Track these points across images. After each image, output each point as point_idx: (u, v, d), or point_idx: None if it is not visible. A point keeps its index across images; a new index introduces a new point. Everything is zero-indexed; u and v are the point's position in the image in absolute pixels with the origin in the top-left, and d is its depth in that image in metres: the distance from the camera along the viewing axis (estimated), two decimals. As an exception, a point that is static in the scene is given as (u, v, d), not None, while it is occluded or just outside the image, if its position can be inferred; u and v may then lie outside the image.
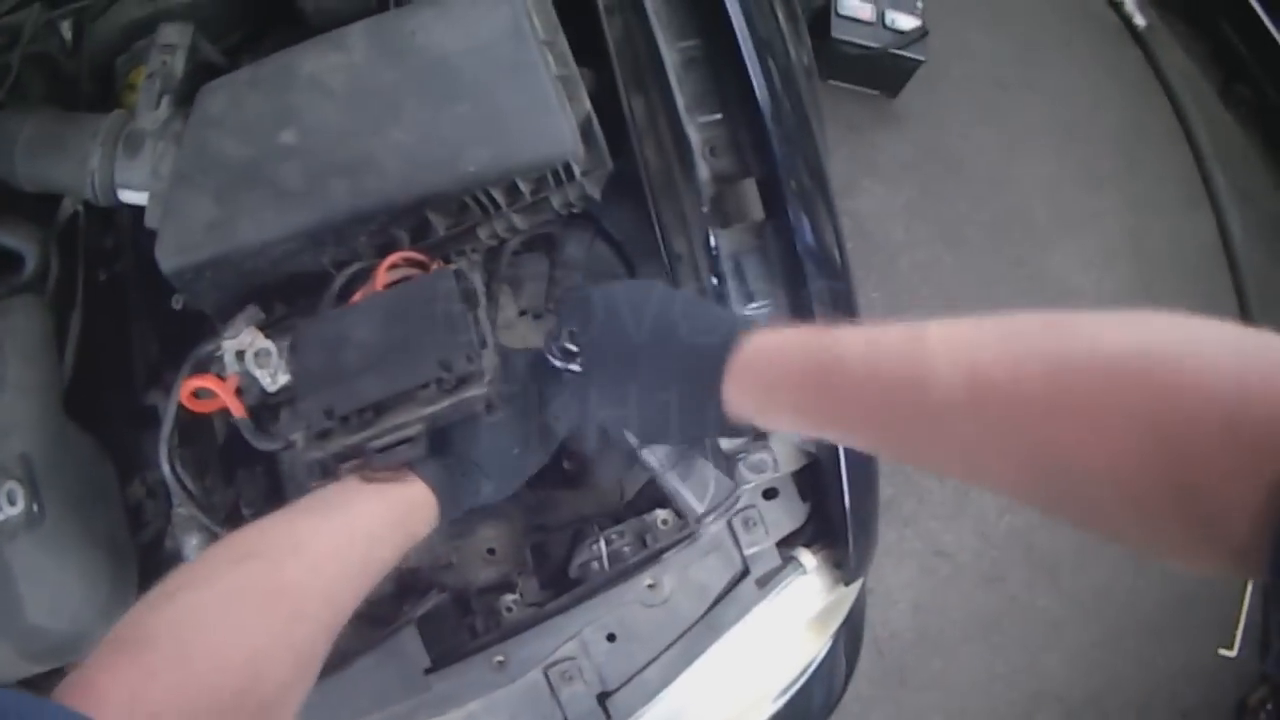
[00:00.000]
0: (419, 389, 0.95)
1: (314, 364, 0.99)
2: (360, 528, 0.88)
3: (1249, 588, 2.97)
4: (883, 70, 3.17)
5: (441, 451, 0.97)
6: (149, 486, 1.29)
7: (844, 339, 0.75)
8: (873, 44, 3.05)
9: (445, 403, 0.94)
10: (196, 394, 1.08)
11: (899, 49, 3.07)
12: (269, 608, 0.75)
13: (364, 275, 1.10)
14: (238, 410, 1.06)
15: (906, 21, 3.08)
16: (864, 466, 1.16)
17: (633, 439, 1.04)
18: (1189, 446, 0.52)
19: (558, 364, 0.95)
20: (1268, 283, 3.37)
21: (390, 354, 0.96)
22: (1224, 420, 0.51)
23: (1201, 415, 0.52)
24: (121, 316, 1.38)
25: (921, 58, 3.12)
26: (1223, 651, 2.95)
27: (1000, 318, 0.66)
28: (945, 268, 3.14)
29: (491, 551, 1.25)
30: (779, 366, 0.80)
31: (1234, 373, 0.52)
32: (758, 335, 0.82)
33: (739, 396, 0.82)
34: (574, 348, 0.93)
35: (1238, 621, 2.96)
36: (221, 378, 1.07)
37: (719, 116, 1.23)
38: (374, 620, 1.23)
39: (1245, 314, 3.30)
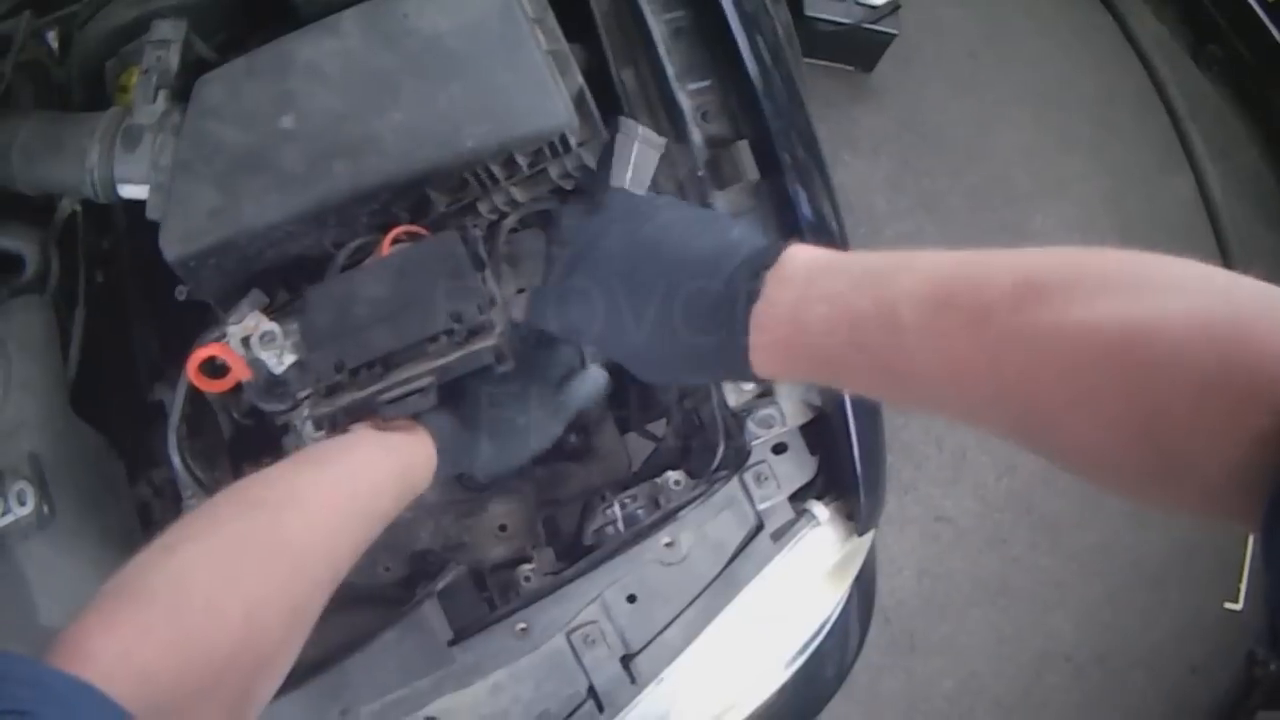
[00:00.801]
0: (429, 341, 0.96)
1: (323, 322, 0.99)
2: (361, 479, 0.88)
3: (1250, 540, 2.99)
4: (857, 46, 3.19)
5: (450, 408, 0.98)
6: (156, 486, 1.30)
7: (827, 336, 0.71)
8: (845, 20, 3.07)
9: (456, 354, 0.95)
10: (205, 368, 1.08)
11: (872, 24, 3.09)
12: (268, 561, 0.74)
13: (367, 249, 1.11)
14: (244, 373, 1.07)
15: (878, -5, 3.10)
16: (870, 417, 1.18)
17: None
18: (1164, 415, 0.53)
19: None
20: (1249, 238, 3.41)
21: (400, 308, 0.97)
22: (1200, 384, 0.51)
23: (1178, 382, 0.52)
24: (122, 316, 1.39)
25: (894, 31, 3.14)
26: (1228, 605, 2.97)
27: (969, 283, 0.64)
28: (928, 237, 3.17)
29: (503, 528, 1.27)
30: (785, 351, 0.75)
31: (1206, 329, 0.52)
32: (761, 317, 0.75)
33: (762, 373, 0.78)
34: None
35: (1241, 574, 2.99)
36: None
37: (709, 83, 1.24)
38: (388, 602, 1.25)
39: (1229, 269, 3.32)
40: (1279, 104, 3.59)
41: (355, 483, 0.87)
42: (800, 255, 0.76)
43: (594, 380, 1.08)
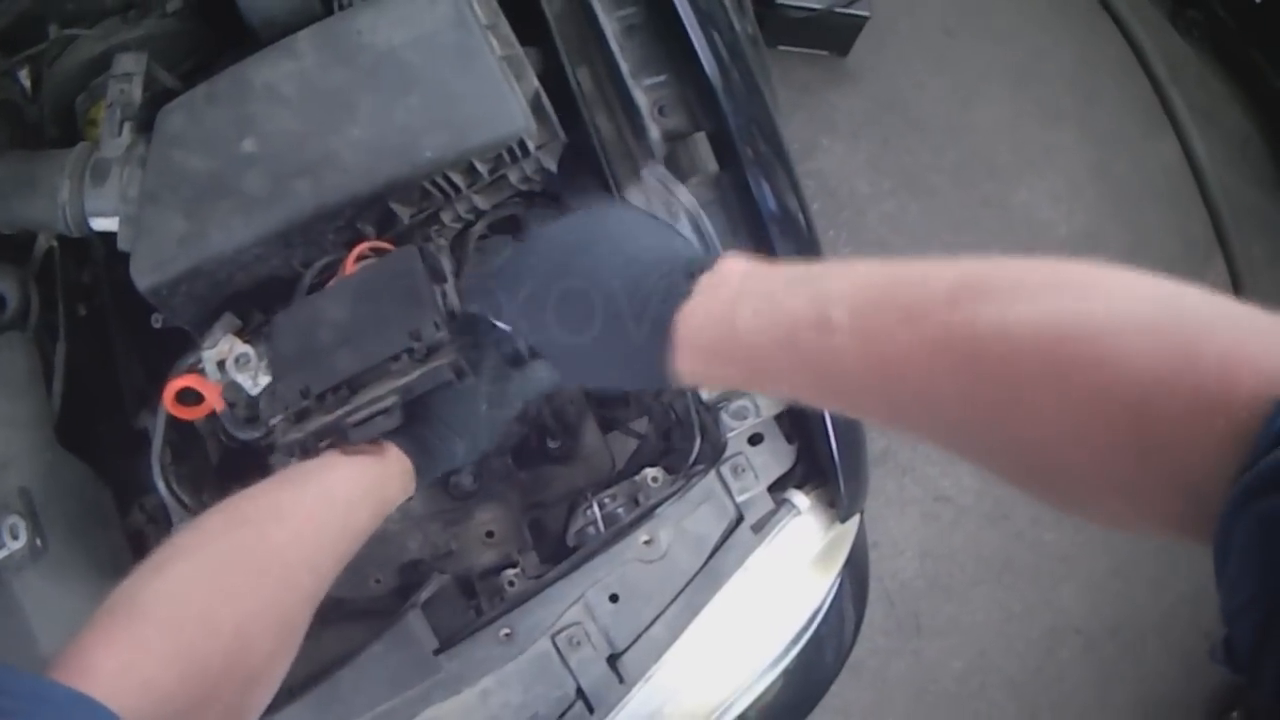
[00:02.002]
0: (391, 361, 0.97)
1: (288, 349, 1.02)
2: (339, 495, 0.89)
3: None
4: (830, 30, 3.17)
5: (416, 419, 0.99)
6: (149, 513, 1.31)
7: (753, 331, 0.69)
8: (816, 5, 3.05)
9: (417, 372, 0.97)
10: (181, 397, 1.10)
11: (843, 8, 3.08)
12: (257, 575, 0.76)
13: (333, 267, 1.13)
14: (218, 405, 1.08)
15: (848, -21, 3.10)
16: (844, 403, 1.19)
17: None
18: (1102, 418, 0.51)
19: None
20: (1238, 198, 3.40)
21: (361, 330, 0.99)
22: (1135, 413, 0.49)
23: (1121, 383, 0.50)
24: (105, 347, 1.40)
25: (866, 13, 3.12)
26: (1239, 564, 2.96)
27: (901, 285, 0.62)
28: (913, 216, 3.16)
29: (490, 534, 1.28)
30: (708, 360, 0.73)
31: (1153, 332, 0.50)
32: (684, 322, 0.72)
33: (685, 379, 0.75)
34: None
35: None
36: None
37: (664, 78, 1.24)
38: (380, 614, 1.26)
39: (1220, 231, 3.33)
40: (1260, 64, 3.58)
41: (334, 499, 0.89)
42: (736, 262, 0.74)
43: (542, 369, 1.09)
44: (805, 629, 1.31)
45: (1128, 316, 0.52)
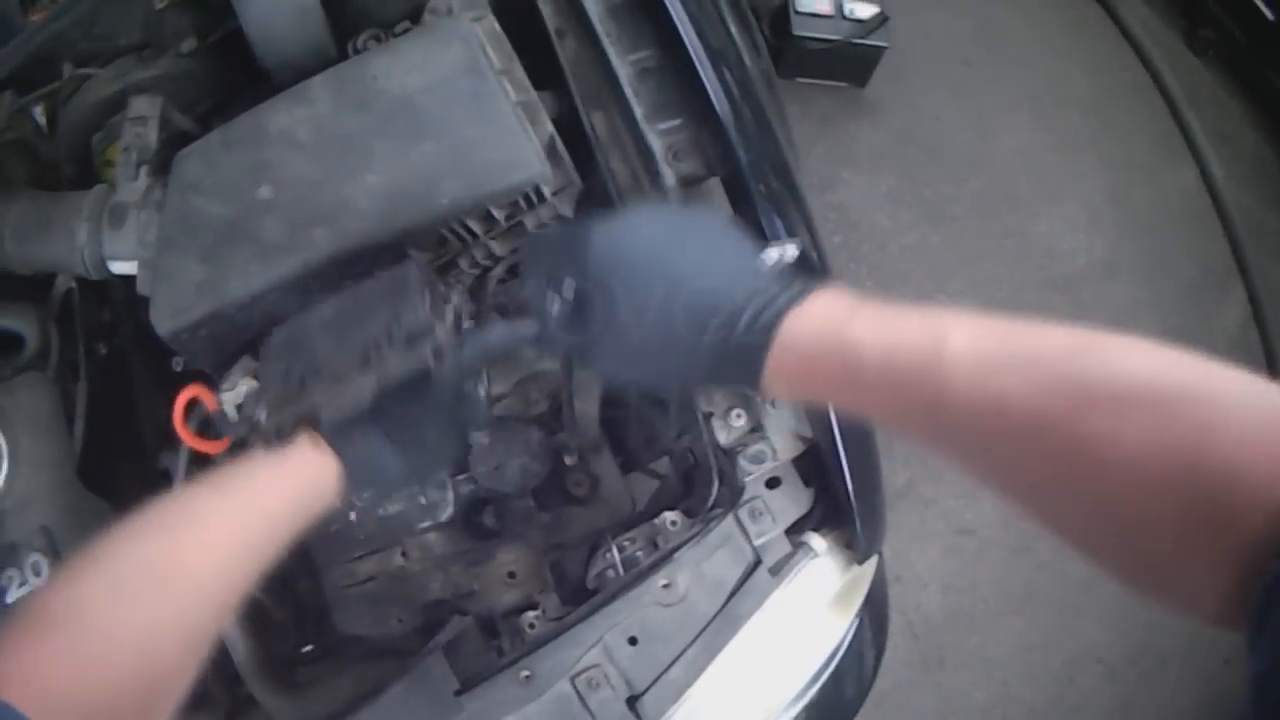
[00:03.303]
0: (372, 350, 0.97)
1: (277, 346, 1.04)
2: (259, 505, 0.89)
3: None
4: (848, 61, 3.20)
5: (362, 424, 0.97)
6: (170, 551, 1.31)
7: (866, 340, 0.70)
8: (834, 36, 3.08)
9: (395, 359, 0.96)
10: (190, 411, 1.11)
11: (861, 38, 3.10)
12: (161, 585, 0.76)
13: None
14: (212, 404, 1.09)
15: (865, 9, 3.11)
16: (862, 446, 1.18)
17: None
18: (1203, 489, 0.52)
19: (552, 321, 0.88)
20: (1257, 222, 3.39)
21: (345, 322, 1.01)
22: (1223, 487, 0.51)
23: (1224, 464, 0.52)
24: (126, 386, 1.41)
25: (885, 44, 3.14)
26: (1259, 593, 2.93)
27: (1019, 332, 0.64)
28: (933, 248, 3.16)
29: (512, 575, 1.28)
30: (808, 364, 0.74)
31: (1265, 444, 0.52)
32: (793, 323, 0.74)
33: (775, 385, 0.77)
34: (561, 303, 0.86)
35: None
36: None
37: (678, 122, 1.25)
38: (403, 654, 1.26)
39: (1238, 255, 3.31)
40: (1276, 83, 3.57)
41: (252, 507, 0.88)
42: (839, 290, 0.76)
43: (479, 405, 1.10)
44: (824, 668, 1.30)
45: (1242, 424, 0.53)
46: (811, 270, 1.18)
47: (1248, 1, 3.52)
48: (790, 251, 0.99)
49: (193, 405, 1.12)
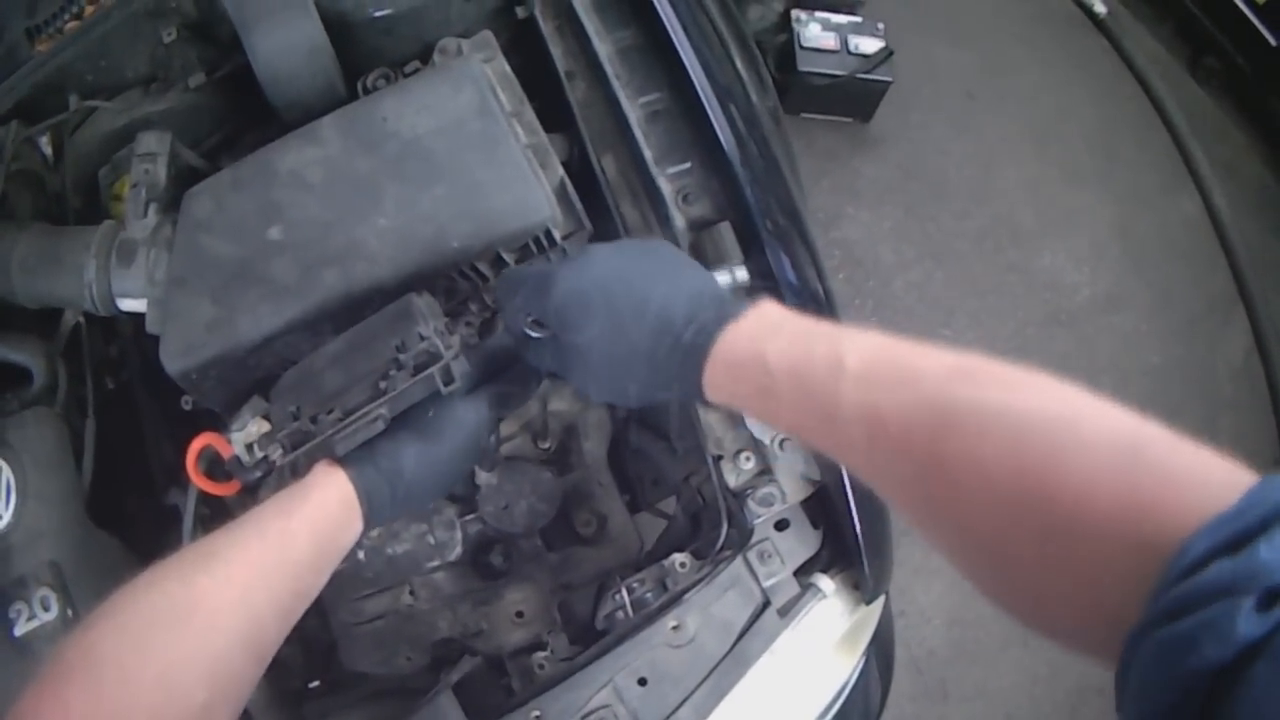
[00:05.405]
0: (381, 379, 0.98)
1: (287, 386, 1.04)
2: (276, 537, 0.88)
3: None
4: (853, 96, 3.22)
5: (378, 453, 0.98)
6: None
7: (779, 355, 0.76)
8: (839, 71, 3.10)
9: (405, 384, 0.97)
10: (207, 467, 1.10)
11: (866, 73, 3.12)
12: (178, 624, 0.76)
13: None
14: (226, 450, 1.09)
15: (870, 45, 3.13)
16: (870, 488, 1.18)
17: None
18: (1058, 519, 0.55)
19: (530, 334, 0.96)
20: (1260, 252, 3.39)
21: (353, 355, 1.01)
22: (1098, 526, 0.53)
23: (1073, 494, 0.54)
24: (134, 421, 1.41)
25: (889, 79, 3.16)
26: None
27: (911, 354, 0.69)
28: (938, 284, 3.17)
29: (520, 614, 1.28)
30: (734, 375, 0.80)
31: (1114, 479, 0.53)
32: (726, 336, 0.81)
33: (712, 394, 0.83)
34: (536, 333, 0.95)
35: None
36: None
37: (688, 165, 1.26)
38: (412, 692, 1.25)
39: (1242, 286, 3.31)
40: (1279, 110, 3.59)
41: (269, 539, 0.88)
42: (781, 308, 0.82)
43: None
44: (830, 707, 1.30)
45: (1094, 457, 0.55)
46: (767, 293, 1.20)
47: (1250, 28, 3.54)
48: (740, 274, 1.15)
49: (203, 450, 1.12)
